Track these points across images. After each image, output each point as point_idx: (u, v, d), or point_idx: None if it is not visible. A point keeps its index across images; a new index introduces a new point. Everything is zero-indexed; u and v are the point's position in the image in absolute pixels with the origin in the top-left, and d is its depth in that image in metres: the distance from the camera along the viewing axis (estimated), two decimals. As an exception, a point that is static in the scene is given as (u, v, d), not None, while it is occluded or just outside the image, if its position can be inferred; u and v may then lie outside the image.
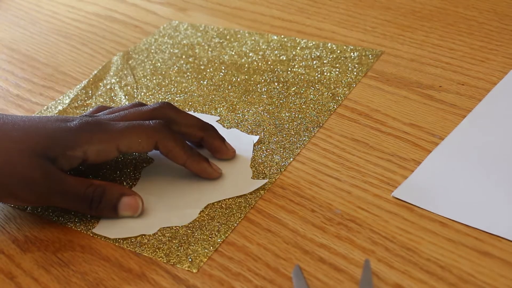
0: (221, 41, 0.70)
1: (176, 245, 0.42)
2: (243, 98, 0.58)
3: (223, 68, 0.64)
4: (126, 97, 0.60)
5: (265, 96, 0.58)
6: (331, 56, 0.64)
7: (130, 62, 0.67)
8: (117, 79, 0.64)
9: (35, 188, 0.42)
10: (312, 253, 0.40)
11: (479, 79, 0.58)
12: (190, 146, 0.46)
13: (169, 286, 0.39)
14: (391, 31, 0.69)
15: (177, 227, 0.43)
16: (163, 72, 0.64)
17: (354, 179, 0.46)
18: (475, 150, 0.48)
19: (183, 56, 0.67)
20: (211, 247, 0.41)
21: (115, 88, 0.62)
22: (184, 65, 0.65)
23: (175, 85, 0.62)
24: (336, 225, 0.42)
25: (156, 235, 0.43)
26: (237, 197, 0.46)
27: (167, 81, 0.63)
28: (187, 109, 0.57)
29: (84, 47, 0.73)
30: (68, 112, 0.59)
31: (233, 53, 0.67)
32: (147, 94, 0.61)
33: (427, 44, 0.65)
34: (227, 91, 0.60)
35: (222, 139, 0.49)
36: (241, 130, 0.53)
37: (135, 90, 0.62)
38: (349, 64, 0.62)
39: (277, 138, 0.52)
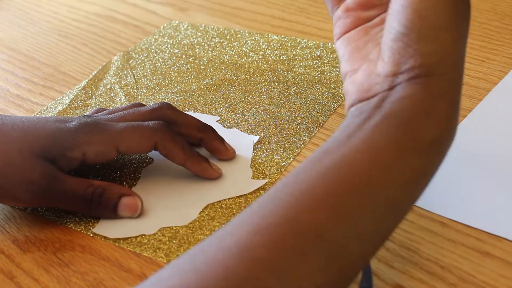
0: (221, 41, 0.70)
1: (176, 245, 0.42)
2: (243, 98, 0.58)
3: (223, 68, 0.64)
4: (126, 97, 0.60)
5: (265, 96, 0.58)
6: (331, 56, 0.64)
7: (130, 62, 0.67)
8: (117, 79, 0.64)
9: (34, 189, 0.42)
10: (312, 253, 0.40)
11: (479, 79, 0.58)
12: (190, 147, 0.46)
13: (169, 286, 0.39)
14: (391, 31, 0.69)
15: (177, 227, 0.43)
16: (163, 72, 0.64)
17: (354, 179, 0.46)
18: (475, 150, 0.48)
19: (183, 56, 0.67)
20: (211, 247, 0.41)
21: (115, 88, 0.62)
22: (184, 65, 0.65)
23: (175, 85, 0.62)
24: (336, 225, 0.42)
25: (156, 235, 0.43)
26: (237, 197, 0.46)
27: (167, 81, 0.63)
28: (187, 109, 0.57)
29: (84, 47, 0.73)
30: (68, 112, 0.59)
31: (233, 53, 0.67)
32: (147, 94, 0.61)
33: (427, 44, 0.65)
34: (227, 91, 0.60)
35: (221, 140, 0.49)
36: (241, 130, 0.53)
37: (135, 90, 0.62)
38: (349, 64, 0.62)
39: (277, 138, 0.52)
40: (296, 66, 0.63)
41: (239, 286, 0.26)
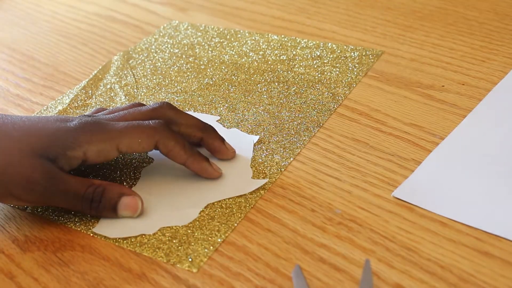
0: (221, 41, 0.70)
1: (176, 245, 0.42)
2: (243, 98, 0.58)
3: (223, 67, 0.64)
4: (126, 97, 0.60)
5: (265, 96, 0.58)
6: (331, 56, 0.64)
7: (130, 62, 0.67)
8: (117, 79, 0.64)
9: (35, 188, 0.42)
10: (312, 253, 0.40)
11: (480, 79, 0.58)
12: (191, 146, 0.46)
13: (169, 286, 0.39)
14: (391, 31, 0.69)
15: (177, 227, 0.43)
16: (163, 72, 0.64)
17: (354, 179, 0.46)
18: (475, 150, 0.48)
19: (183, 56, 0.67)
20: (211, 247, 0.41)
21: (115, 88, 0.62)
22: (184, 64, 0.65)
23: (175, 84, 0.62)
24: (336, 225, 0.42)
25: (156, 235, 0.43)
26: (237, 197, 0.46)
27: (167, 81, 0.63)
28: (187, 109, 0.57)
29: (84, 47, 0.73)
30: (68, 112, 0.59)
31: (233, 52, 0.67)
32: (147, 94, 0.61)
33: (427, 44, 0.65)
34: (227, 91, 0.60)
35: (221, 140, 0.49)
36: (241, 130, 0.53)
37: (135, 90, 0.62)
38: (350, 64, 0.62)
39: (277, 138, 0.52)
40: (296, 66, 0.63)
41: None
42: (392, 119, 0.53)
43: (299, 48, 0.66)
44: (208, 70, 0.64)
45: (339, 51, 0.65)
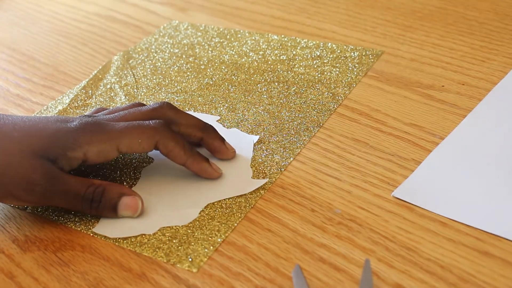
0: (221, 40, 0.70)
1: (176, 245, 0.42)
2: (243, 98, 0.58)
3: (223, 67, 0.64)
4: (126, 96, 0.60)
5: (265, 96, 0.58)
6: (331, 56, 0.64)
7: (130, 61, 0.67)
8: (117, 79, 0.64)
9: (35, 189, 0.42)
10: (312, 253, 0.40)
11: (480, 79, 0.58)
12: (190, 146, 0.46)
13: (169, 286, 0.39)
14: (391, 31, 0.69)
15: (177, 227, 0.43)
16: (163, 72, 0.64)
17: (354, 179, 0.46)
18: (475, 150, 0.48)
19: (183, 56, 0.67)
20: (211, 247, 0.41)
21: (115, 87, 0.62)
22: (184, 64, 0.66)
23: (175, 84, 0.62)
24: (336, 224, 0.42)
25: (156, 235, 0.43)
26: (237, 196, 0.46)
27: (167, 81, 0.63)
28: (187, 109, 0.57)
29: (84, 47, 0.73)
30: (68, 112, 0.59)
31: (233, 52, 0.67)
32: (147, 93, 0.61)
33: (427, 44, 0.65)
34: (227, 91, 0.60)
35: (221, 139, 0.49)
36: (241, 130, 0.53)
37: (135, 89, 0.62)
38: (350, 64, 0.62)
39: (277, 138, 0.52)
40: (296, 66, 0.63)
41: None
42: (392, 119, 0.53)
43: (299, 48, 0.66)
44: (208, 70, 0.64)
45: (339, 51, 0.65)
